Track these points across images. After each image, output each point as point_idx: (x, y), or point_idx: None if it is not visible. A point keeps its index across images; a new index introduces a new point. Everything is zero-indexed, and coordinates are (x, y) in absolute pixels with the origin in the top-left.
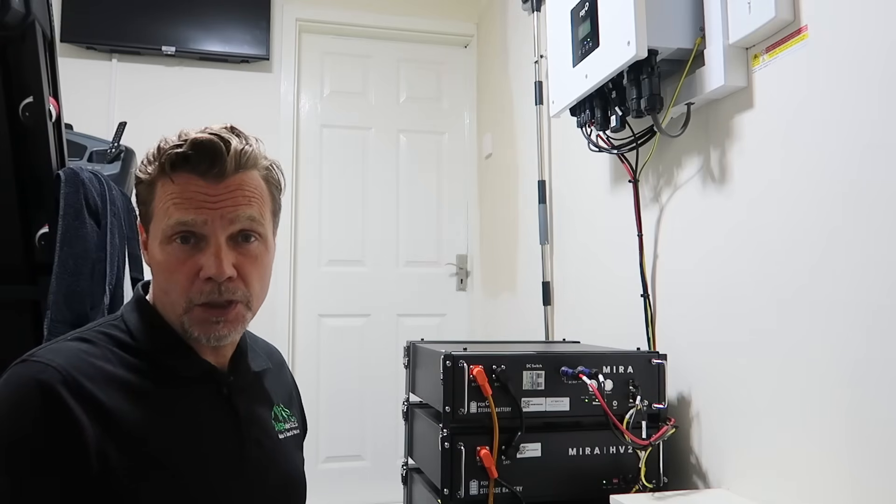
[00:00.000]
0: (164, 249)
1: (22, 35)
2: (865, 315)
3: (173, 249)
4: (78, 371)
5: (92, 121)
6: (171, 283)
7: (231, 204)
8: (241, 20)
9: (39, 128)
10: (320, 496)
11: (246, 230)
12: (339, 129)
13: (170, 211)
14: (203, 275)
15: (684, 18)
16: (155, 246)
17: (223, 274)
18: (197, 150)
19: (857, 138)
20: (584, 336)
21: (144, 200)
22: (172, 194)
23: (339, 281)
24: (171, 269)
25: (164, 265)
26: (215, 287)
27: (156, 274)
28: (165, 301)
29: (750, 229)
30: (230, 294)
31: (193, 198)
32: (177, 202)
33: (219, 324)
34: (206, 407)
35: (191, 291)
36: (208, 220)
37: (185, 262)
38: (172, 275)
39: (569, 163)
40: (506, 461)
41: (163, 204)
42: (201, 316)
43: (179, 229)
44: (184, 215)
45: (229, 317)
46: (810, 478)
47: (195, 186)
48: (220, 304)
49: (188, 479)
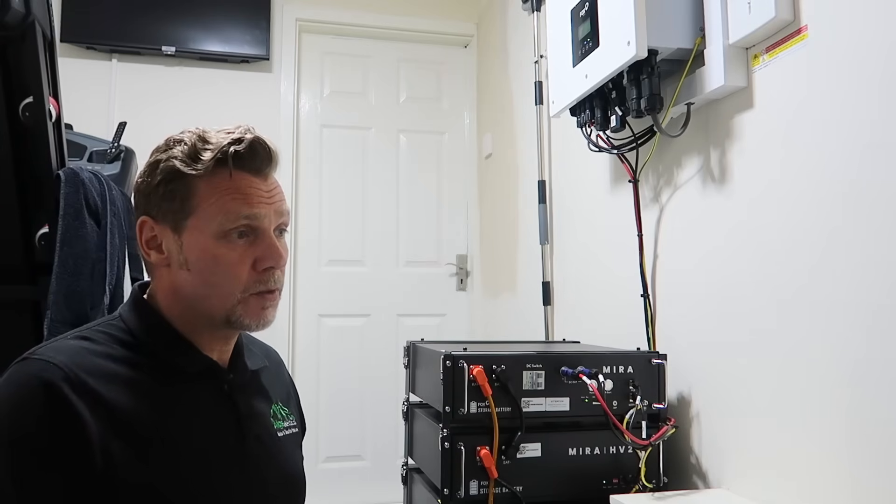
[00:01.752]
0: (219, 244)
1: (22, 35)
2: (865, 315)
3: (233, 243)
4: (80, 368)
5: (92, 121)
6: (226, 276)
7: (279, 199)
8: (241, 20)
9: (39, 128)
10: (320, 496)
11: (285, 224)
12: (339, 129)
13: (230, 206)
14: (262, 265)
15: (684, 18)
16: (202, 241)
17: (285, 261)
18: (253, 149)
19: (857, 138)
20: (584, 336)
21: (181, 196)
22: (230, 190)
23: (339, 281)
24: (230, 262)
25: (222, 258)
26: (271, 276)
27: (203, 268)
28: (208, 295)
29: (750, 229)
30: (276, 282)
31: (253, 194)
32: (237, 197)
33: (267, 309)
34: (208, 403)
35: (248, 282)
36: (266, 214)
37: (244, 254)
38: (232, 268)
39: (569, 163)
40: (506, 461)
41: (215, 199)
42: (256, 303)
43: (242, 223)
44: (248, 209)
45: (275, 302)
46: (810, 478)
47: (252, 183)
48: (270, 291)
49: (190, 475)
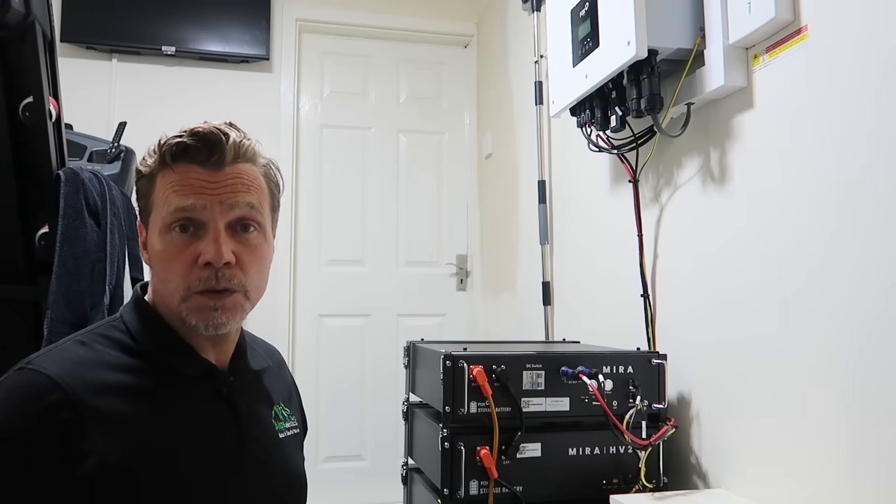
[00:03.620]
0: (162, 238)
1: (22, 35)
2: (865, 315)
3: (172, 238)
4: (74, 379)
5: (92, 121)
6: (170, 272)
7: (230, 191)
8: (241, 20)
9: (39, 128)
10: (320, 496)
11: (245, 217)
12: (339, 129)
13: (169, 199)
14: (201, 260)
15: (684, 18)
16: (154, 237)
17: (222, 258)
18: (196, 139)
19: (857, 138)
20: (584, 336)
21: (145, 194)
22: (172, 183)
23: (339, 281)
24: (169, 256)
25: (163, 254)
26: (213, 273)
27: (155, 265)
28: (164, 293)
29: (750, 229)
30: (227, 281)
31: (193, 184)
32: (176, 189)
33: (216, 310)
34: (207, 406)
35: (189, 278)
36: (207, 204)
37: (184, 249)
38: (171, 263)
39: (569, 163)
40: (506, 461)
41: (162, 193)
42: (199, 303)
43: (179, 216)
44: (183, 201)
45: (227, 304)
46: (810, 477)
47: (195, 174)
48: (217, 291)
49: (189, 479)
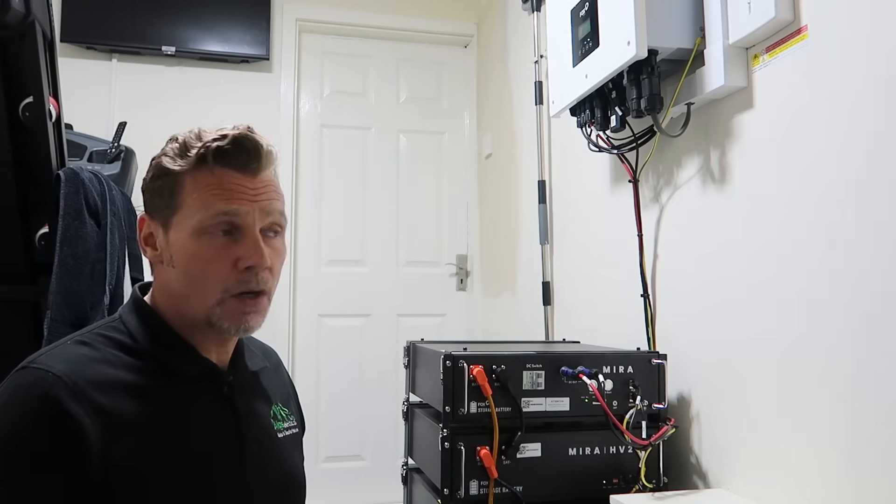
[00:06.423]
0: (199, 240)
1: (22, 35)
2: (865, 315)
3: (212, 240)
4: (78, 376)
5: (92, 121)
6: (205, 274)
7: (266, 198)
8: (241, 20)
9: (39, 128)
10: (320, 496)
11: (276, 223)
12: (339, 129)
13: (209, 202)
14: (243, 264)
15: (684, 18)
16: (184, 237)
17: (265, 262)
18: (238, 145)
19: (857, 138)
20: (584, 336)
21: (169, 192)
22: (211, 186)
23: (339, 281)
24: (207, 259)
25: (200, 256)
26: (253, 276)
27: (182, 266)
28: (189, 293)
29: (750, 229)
30: (264, 284)
31: (234, 189)
32: (216, 193)
33: (249, 314)
34: (207, 406)
35: (228, 281)
36: (249, 211)
37: (223, 252)
38: (209, 265)
39: (569, 163)
40: (506, 461)
41: (198, 195)
42: (234, 307)
43: (222, 220)
44: (227, 205)
45: (259, 307)
46: (810, 477)
47: (235, 179)
48: (253, 294)
49: (191, 479)
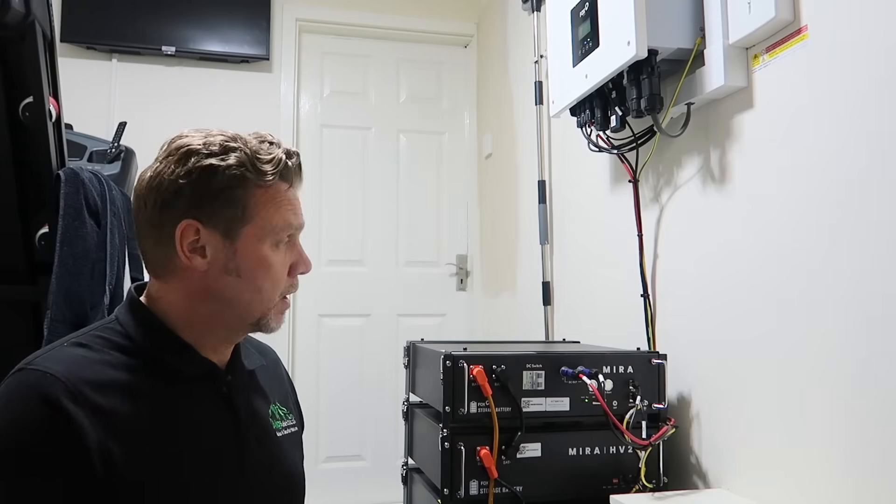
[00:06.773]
0: (275, 251)
1: (22, 35)
2: (866, 315)
3: (281, 250)
4: (77, 377)
5: (92, 121)
6: (275, 282)
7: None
8: (241, 20)
9: (39, 128)
10: (320, 496)
11: None
12: (339, 129)
13: (286, 216)
14: (299, 270)
15: (684, 18)
16: (256, 247)
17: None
18: (294, 162)
19: (857, 138)
20: (584, 336)
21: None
22: (279, 199)
23: (339, 281)
24: (278, 268)
25: (274, 266)
26: (297, 281)
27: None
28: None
29: (750, 229)
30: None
31: (297, 206)
32: (285, 206)
33: (285, 312)
34: (207, 406)
35: (284, 286)
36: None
37: (285, 260)
38: (278, 273)
39: (569, 163)
40: (506, 461)
41: (274, 209)
42: (281, 307)
43: (290, 232)
44: (296, 219)
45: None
46: (810, 477)
47: (290, 193)
48: None
49: (189, 479)
